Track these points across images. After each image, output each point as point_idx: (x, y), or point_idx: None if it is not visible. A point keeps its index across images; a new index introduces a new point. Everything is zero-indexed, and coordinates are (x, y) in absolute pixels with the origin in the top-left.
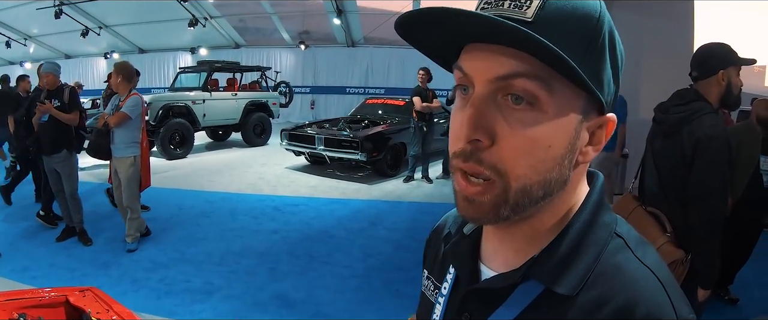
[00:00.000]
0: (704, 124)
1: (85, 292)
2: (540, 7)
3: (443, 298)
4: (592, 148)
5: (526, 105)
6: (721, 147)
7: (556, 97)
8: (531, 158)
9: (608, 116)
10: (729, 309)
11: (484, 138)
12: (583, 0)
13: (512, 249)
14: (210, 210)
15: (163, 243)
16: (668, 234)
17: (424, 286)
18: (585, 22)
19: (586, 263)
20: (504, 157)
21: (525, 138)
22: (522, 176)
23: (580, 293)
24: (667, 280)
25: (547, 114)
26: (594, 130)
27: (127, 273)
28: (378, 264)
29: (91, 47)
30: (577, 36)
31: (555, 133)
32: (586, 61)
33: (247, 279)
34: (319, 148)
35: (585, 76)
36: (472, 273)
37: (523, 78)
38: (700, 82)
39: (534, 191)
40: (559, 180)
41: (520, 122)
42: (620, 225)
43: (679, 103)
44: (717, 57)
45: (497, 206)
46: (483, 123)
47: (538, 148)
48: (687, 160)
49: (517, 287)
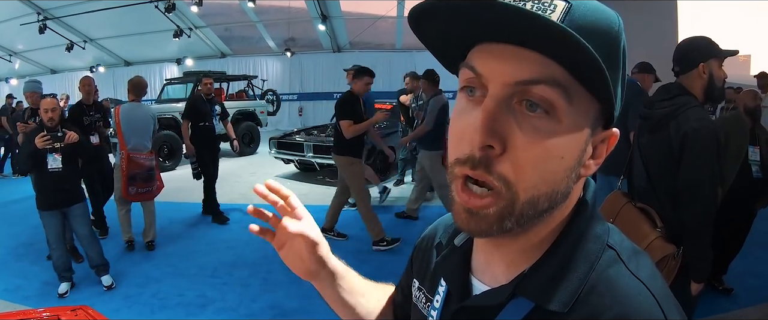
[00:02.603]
0: (690, 118)
1: (77, 311)
2: (566, 11)
3: (436, 312)
4: (594, 161)
5: (542, 112)
6: (709, 140)
7: (573, 107)
8: (543, 169)
9: (613, 130)
10: (723, 300)
11: (497, 144)
12: (606, 11)
13: (503, 262)
14: (201, 222)
15: (155, 257)
16: (659, 229)
17: (415, 298)
18: (607, 32)
19: (578, 278)
20: (516, 166)
21: (539, 147)
22: (531, 187)
23: (572, 309)
24: (660, 294)
25: (562, 123)
26: (597, 143)
27: (120, 289)
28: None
29: (76, 61)
30: (600, 46)
31: (568, 144)
32: (612, 73)
33: (240, 291)
34: (309, 155)
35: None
36: (462, 287)
37: (544, 85)
38: (682, 76)
39: (541, 203)
40: (565, 192)
41: (535, 130)
42: (612, 235)
43: (665, 98)
44: (697, 50)
45: (502, 219)
46: (498, 128)
47: (551, 158)
48: (675, 154)
49: (508, 304)
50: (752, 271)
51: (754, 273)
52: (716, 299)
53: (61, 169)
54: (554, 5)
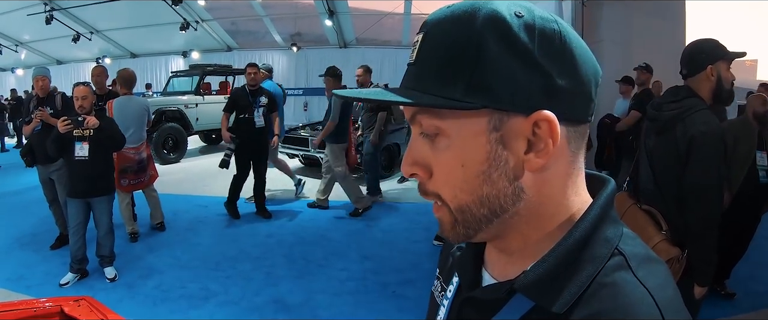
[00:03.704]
0: (697, 121)
1: (80, 301)
2: (420, 44)
3: (447, 302)
4: (535, 154)
5: (437, 136)
6: (716, 143)
7: (448, 121)
8: (452, 180)
9: (536, 115)
10: (726, 304)
11: (419, 171)
12: (456, 14)
13: (510, 259)
14: (204, 215)
15: (158, 248)
16: (664, 232)
17: (433, 286)
18: (453, 38)
19: (580, 280)
20: (437, 184)
21: (443, 164)
22: (453, 198)
23: (571, 311)
24: (666, 305)
25: (450, 137)
26: (531, 133)
27: (122, 281)
28: (374, 267)
29: (82, 52)
30: (447, 57)
31: (462, 153)
32: (462, 76)
33: (243, 284)
34: (313, 150)
35: (456, 97)
36: (473, 279)
37: (419, 114)
38: (690, 78)
39: (474, 209)
40: (500, 194)
41: (438, 150)
42: (625, 241)
43: (672, 100)
44: (705, 52)
45: (452, 225)
46: (416, 159)
47: (453, 169)
48: (681, 157)
49: (510, 300)
50: (755, 276)
51: (757, 278)
52: (719, 303)
53: (87, 158)
54: (417, 41)
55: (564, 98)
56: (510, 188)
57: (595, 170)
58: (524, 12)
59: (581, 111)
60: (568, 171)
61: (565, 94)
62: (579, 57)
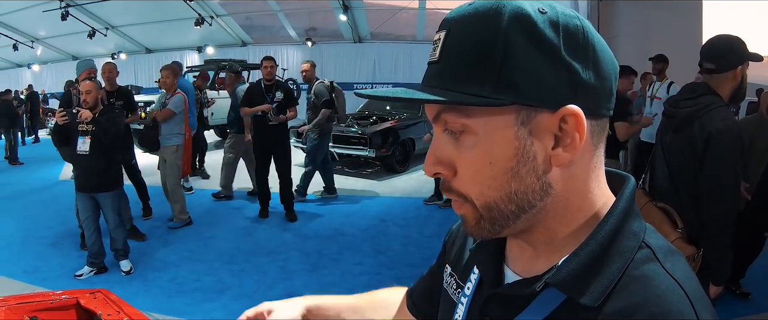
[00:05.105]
0: (715, 118)
1: (96, 294)
2: (443, 42)
3: (466, 299)
4: (562, 148)
5: (461, 133)
6: (733, 141)
7: (476, 118)
8: (480, 178)
9: (564, 110)
10: (740, 304)
11: (443, 171)
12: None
13: (535, 254)
14: (219, 209)
15: (173, 242)
16: (680, 229)
17: (446, 283)
18: (480, 36)
19: (611, 273)
20: (462, 182)
21: (469, 162)
22: (480, 195)
23: (604, 304)
24: (695, 295)
25: (478, 134)
26: (557, 128)
27: (138, 274)
28: (388, 261)
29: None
30: (474, 55)
31: (491, 150)
32: (489, 73)
33: (257, 278)
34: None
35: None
36: (495, 275)
37: (444, 113)
38: (716, 75)
39: (501, 206)
40: (528, 190)
41: (464, 148)
42: (649, 234)
43: (689, 97)
44: (736, 52)
45: (477, 222)
46: (440, 158)
47: (481, 167)
48: (698, 154)
49: (539, 294)
50: None
51: None
52: (733, 303)
53: (88, 153)
54: (439, 38)
55: (588, 93)
56: (538, 184)
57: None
58: (548, 9)
59: (603, 105)
60: (591, 166)
61: (589, 89)
62: (600, 52)
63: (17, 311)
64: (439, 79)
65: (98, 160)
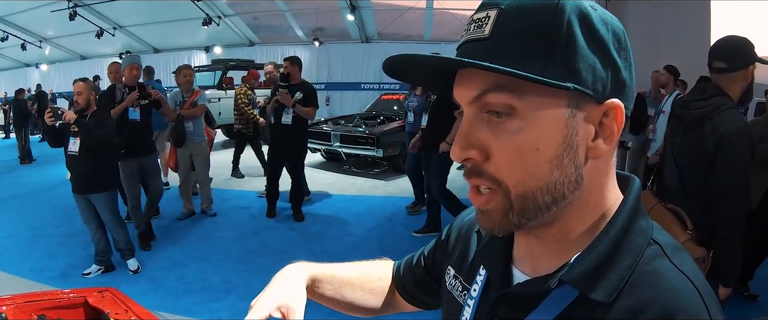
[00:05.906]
0: (727, 120)
1: (104, 293)
2: (495, 20)
3: (473, 301)
4: (603, 140)
5: (505, 116)
6: (744, 142)
7: (528, 101)
8: (522, 164)
9: (609, 103)
10: (748, 306)
11: (475, 155)
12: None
13: (545, 253)
14: (227, 209)
15: (180, 241)
16: (690, 231)
17: (450, 285)
18: (540, 20)
19: (623, 269)
20: (499, 168)
21: (512, 147)
22: (519, 183)
23: (616, 300)
24: (703, 288)
25: (526, 119)
26: (599, 121)
27: (145, 273)
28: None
29: (106, 48)
30: (535, 36)
31: (539, 136)
32: (552, 57)
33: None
34: (335, 144)
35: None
36: (503, 276)
37: (491, 92)
38: (727, 74)
39: (538, 196)
40: (566, 181)
41: (506, 132)
42: (656, 231)
43: (700, 98)
44: (748, 52)
45: (505, 213)
46: (472, 142)
47: (526, 153)
48: (708, 156)
49: (551, 292)
50: None
51: None
52: (741, 305)
53: (77, 154)
54: (488, 16)
55: (624, 91)
56: (574, 175)
57: None
58: (597, 7)
59: (628, 105)
60: (611, 164)
61: (625, 88)
62: (631, 54)
63: (25, 310)
64: (492, 55)
65: (87, 161)
